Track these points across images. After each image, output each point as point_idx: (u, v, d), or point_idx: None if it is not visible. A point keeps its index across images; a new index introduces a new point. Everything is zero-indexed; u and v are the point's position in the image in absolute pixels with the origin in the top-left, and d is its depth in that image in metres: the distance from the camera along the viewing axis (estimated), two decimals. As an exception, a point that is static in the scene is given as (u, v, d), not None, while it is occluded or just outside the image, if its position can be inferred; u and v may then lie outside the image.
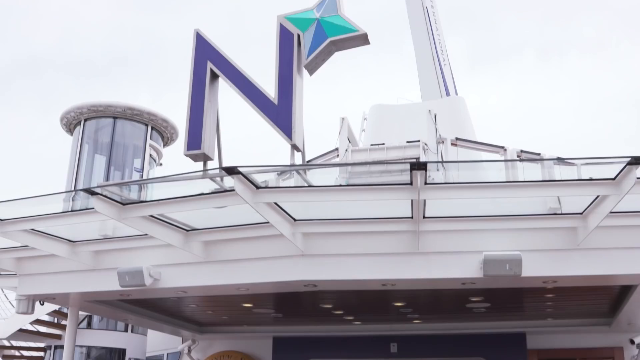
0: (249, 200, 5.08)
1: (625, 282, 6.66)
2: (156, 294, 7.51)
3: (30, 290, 7.83)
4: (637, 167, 4.80)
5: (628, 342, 10.37)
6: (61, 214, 6.25)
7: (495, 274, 5.89)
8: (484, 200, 5.86)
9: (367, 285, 6.60)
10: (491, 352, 10.31)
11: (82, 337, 15.51)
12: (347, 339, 10.79)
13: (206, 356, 12.01)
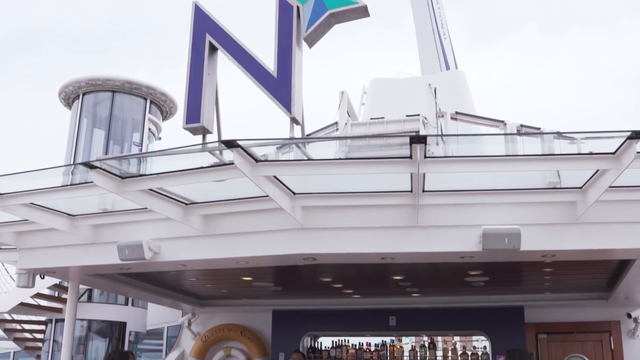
0: (248, 173, 5.07)
1: (624, 256, 6.67)
2: (156, 267, 7.54)
3: (30, 264, 7.86)
4: (637, 142, 4.78)
5: (625, 316, 10.44)
6: (60, 188, 6.23)
7: (494, 248, 5.91)
8: (483, 174, 5.85)
9: (366, 259, 6.62)
10: (489, 326, 10.38)
11: (83, 310, 15.59)
12: (346, 312, 10.86)
13: (206, 329, 12.10)
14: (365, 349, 11.32)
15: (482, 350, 10.94)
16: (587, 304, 10.22)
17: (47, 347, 17.18)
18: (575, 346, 10.64)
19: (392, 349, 11.24)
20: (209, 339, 12.00)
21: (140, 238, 6.78)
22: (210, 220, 6.70)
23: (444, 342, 11.37)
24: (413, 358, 11.10)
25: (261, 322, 11.74)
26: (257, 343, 11.69)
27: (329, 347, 11.52)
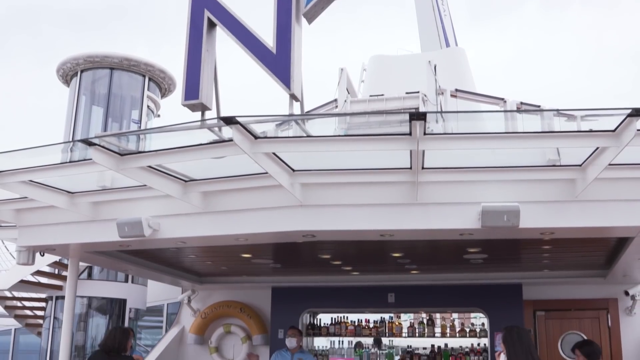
0: (248, 150, 5.06)
1: (623, 234, 6.68)
2: (155, 244, 7.55)
3: (30, 241, 7.87)
4: (638, 119, 4.77)
5: (623, 294, 10.50)
6: (59, 165, 6.22)
7: (493, 225, 5.92)
8: (483, 151, 5.85)
9: (366, 236, 6.63)
10: (487, 303, 10.44)
11: (83, 287, 15.66)
12: (346, 289, 10.91)
13: (206, 306, 12.16)
14: (364, 326, 11.40)
15: (480, 327, 11.02)
16: (585, 281, 10.27)
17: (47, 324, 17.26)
18: (572, 323, 10.72)
19: (391, 325, 11.32)
20: (209, 316, 12.06)
21: (140, 215, 6.79)
22: (210, 197, 6.70)
23: (443, 319, 11.44)
24: (412, 334, 11.18)
25: (260, 299, 11.80)
26: (257, 320, 11.76)
27: (328, 323, 11.60)
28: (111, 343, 6.98)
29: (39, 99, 68.12)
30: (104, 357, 6.98)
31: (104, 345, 7.03)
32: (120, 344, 7.04)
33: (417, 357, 10.91)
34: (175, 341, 12.35)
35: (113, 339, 7.00)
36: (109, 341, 7.01)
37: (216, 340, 12.11)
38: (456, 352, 10.83)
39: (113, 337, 7.02)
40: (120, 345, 7.02)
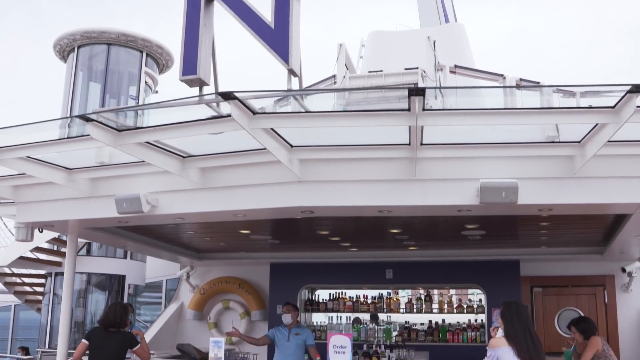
0: (246, 126, 5.03)
1: (621, 210, 6.69)
2: (154, 220, 7.55)
3: (28, 217, 7.87)
4: (637, 95, 4.74)
5: (619, 270, 10.55)
6: (57, 141, 6.20)
7: (491, 201, 5.92)
8: (481, 128, 5.83)
9: (364, 212, 6.63)
10: (485, 279, 10.49)
11: (82, 264, 15.69)
12: (344, 265, 10.96)
13: (204, 282, 12.22)
14: (362, 302, 11.46)
15: (478, 303, 11.08)
16: (582, 258, 10.31)
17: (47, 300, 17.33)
18: (569, 299, 10.79)
19: (389, 301, 11.39)
20: (208, 292, 12.13)
21: (138, 191, 6.78)
22: (208, 173, 6.69)
23: (440, 295, 11.50)
24: (409, 310, 11.25)
25: (259, 275, 11.86)
26: (255, 296, 11.83)
27: (327, 299, 11.66)
28: (113, 318, 7.00)
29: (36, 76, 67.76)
30: (103, 333, 7.00)
31: (105, 321, 7.04)
32: (122, 319, 7.07)
33: (415, 333, 10.98)
34: (174, 317, 12.43)
35: (114, 314, 7.01)
36: (110, 316, 7.02)
37: (215, 316, 12.19)
38: (453, 327, 10.90)
39: (114, 313, 7.03)
40: (121, 320, 7.05)
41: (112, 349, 6.94)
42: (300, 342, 8.24)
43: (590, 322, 7.38)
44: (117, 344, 6.97)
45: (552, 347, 9.42)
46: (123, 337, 7.08)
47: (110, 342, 6.94)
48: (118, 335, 7.04)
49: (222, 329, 12.17)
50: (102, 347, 6.92)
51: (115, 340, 6.98)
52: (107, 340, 6.95)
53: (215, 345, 7.27)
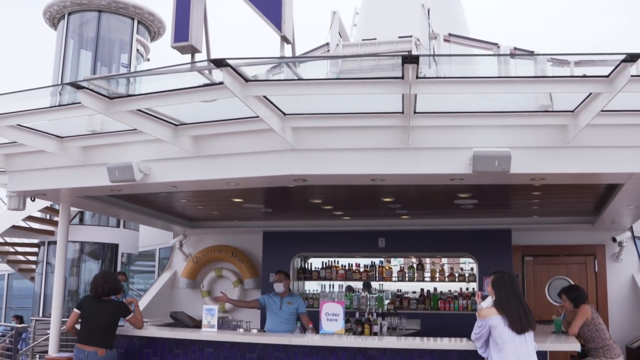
0: (238, 93, 5.00)
1: (613, 180, 6.71)
2: (146, 189, 7.54)
3: (20, 186, 7.85)
4: (632, 65, 4.73)
5: (610, 240, 10.64)
6: (48, 109, 6.16)
7: (484, 170, 5.93)
8: (475, 96, 5.81)
9: (357, 180, 6.63)
10: (477, 248, 10.56)
11: (75, 232, 15.68)
12: (336, 234, 11.00)
13: (197, 250, 12.26)
14: (355, 270, 11.52)
15: (469, 272, 11.16)
16: (573, 227, 10.38)
17: (40, 269, 17.35)
18: (560, 269, 10.88)
19: (381, 269, 11.45)
20: (201, 260, 12.17)
21: (130, 159, 6.76)
22: (201, 141, 6.67)
23: (432, 264, 11.57)
24: (401, 279, 11.33)
25: (252, 244, 11.90)
26: (248, 264, 11.88)
27: (319, 267, 11.72)
28: (104, 287, 6.99)
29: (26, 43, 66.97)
30: (95, 302, 7.00)
31: (96, 290, 7.02)
32: (114, 286, 7.08)
33: (407, 301, 11.07)
34: (168, 285, 12.49)
35: (106, 283, 7.01)
36: (101, 286, 7.01)
37: (208, 284, 12.26)
38: (445, 296, 10.99)
39: (105, 282, 7.03)
40: (112, 288, 7.06)
41: (104, 317, 6.95)
42: (293, 311, 8.30)
43: (580, 291, 7.46)
44: (110, 313, 6.99)
45: (542, 316, 9.52)
46: (116, 306, 7.10)
47: (102, 311, 6.96)
48: (111, 304, 7.05)
49: (215, 297, 12.25)
50: (94, 315, 6.94)
51: (108, 308, 7.00)
52: (100, 309, 6.96)
53: (208, 313, 7.32)
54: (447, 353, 6.41)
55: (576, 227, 10.39)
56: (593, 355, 7.08)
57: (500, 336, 5.61)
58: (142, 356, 7.37)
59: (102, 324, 6.94)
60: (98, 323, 6.92)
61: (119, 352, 7.44)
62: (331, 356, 6.65)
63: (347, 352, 6.60)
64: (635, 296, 10.44)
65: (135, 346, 7.44)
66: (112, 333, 7.01)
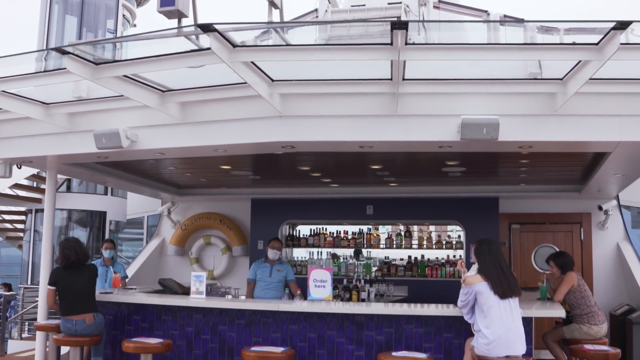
0: (226, 59, 4.95)
1: (600, 149, 6.73)
2: (134, 155, 7.50)
3: (5, 153, 7.78)
4: (622, 33, 4.71)
5: (596, 209, 10.72)
6: (33, 75, 6.08)
7: (472, 138, 5.92)
8: (464, 63, 5.79)
9: (345, 147, 6.62)
10: (464, 215, 10.62)
11: (62, 200, 15.65)
12: (325, 201, 11.03)
13: (185, 218, 12.26)
14: (343, 237, 11.58)
15: (457, 239, 11.24)
16: (560, 195, 10.45)
17: (28, 237, 17.34)
18: (546, 236, 10.97)
19: (369, 237, 11.52)
20: (189, 228, 12.18)
21: (117, 126, 6.71)
22: (188, 107, 6.62)
23: (420, 231, 11.65)
24: (389, 246, 11.40)
25: (240, 211, 11.91)
26: (236, 231, 11.90)
27: (307, 234, 11.76)
28: (75, 257, 6.97)
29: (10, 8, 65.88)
30: (67, 272, 6.98)
31: (67, 262, 6.98)
32: (85, 253, 7.07)
33: (394, 268, 11.15)
34: (156, 253, 12.50)
35: (74, 253, 6.99)
36: (72, 256, 6.98)
37: (196, 252, 12.29)
38: (432, 263, 11.08)
39: (76, 251, 7.00)
40: (86, 254, 7.06)
41: (83, 284, 6.96)
42: (282, 278, 8.36)
43: (568, 257, 7.53)
44: (87, 278, 7.01)
45: (528, 283, 9.63)
46: (89, 270, 7.11)
47: (79, 279, 6.96)
48: (84, 270, 7.05)
49: (203, 264, 12.30)
50: (72, 285, 6.93)
51: (84, 275, 7.01)
52: (76, 278, 6.95)
53: (196, 280, 7.34)
54: (434, 319, 6.48)
55: (563, 196, 10.46)
56: (578, 322, 7.18)
57: (485, 302, 5.69)
58: (131, 322, 7.41)
59: (82, 291, 6.95)
60: (78, 291, 6.93)
61: (108, 319, 7.48)
62: (319, 322, 6.71)
63: (334, 318, 6.67)
64: (619, 264, 10.56)
65: (124, 313, 7.47)
66: (93, 297, 7.05)
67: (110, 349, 7.45)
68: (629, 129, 5.99)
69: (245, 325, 6.92)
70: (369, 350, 6.57)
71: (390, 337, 6.55)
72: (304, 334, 6.75)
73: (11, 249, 22.33)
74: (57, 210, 12.82)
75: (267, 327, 6.86)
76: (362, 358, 6.59)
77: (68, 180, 16.61)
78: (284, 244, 11.49)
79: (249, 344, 6.82)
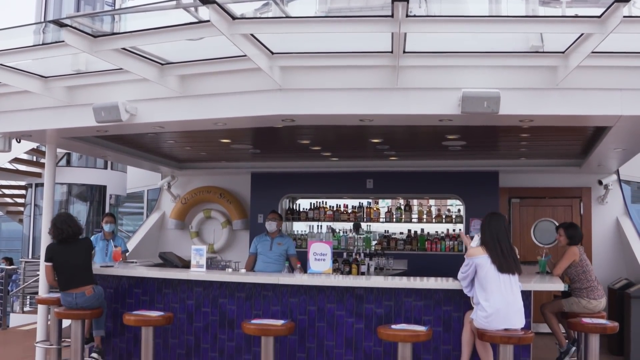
0: (225, 31, 4.91)
1: (601, 123, 6.70)
2: (133, 129, 7.48)
3: (4, 127, 7.76)
4: (624, 5, 4.67)
5: (596, 183, 10.73)
6: (31, 48, 6.03)
7: (472, 111, 5.89)
8: (465, 36, 5.73)
9: (345, 121, 6.60)
10: (464, 189, 10.63)
11: (62, 174, 15.67)
12: (325, 175, 11.04)
13: (185, 192, 12.28)
14: (343, 211, 11.59)
15: (456, 214, 11.26)
16: (560, 170, 10.45)
17: (28, 212, 17.39)
18: (546, 211, 11.00)
19: (369, 210, 11.53)
20: (189, 201, 12.21)
21: (116, 99, 6.68)
22: (187, 80, 6.59)
23: (420, 205, 11.66)
24: (389, 220, 11.42)
25: (240, 185, 11.92)
26: (236, 205, 11.93)
27: (307, 208, 11.78)
28: (68, 231, 6.97)
29: (7, -19, 65.30)
30: (62, 247, 6.99)
31: (61, 237, 6.98)
32: (79, 227, 7.07)
33: (394, 242, 11.19)
34: (156, 226, 12.54)
35: (68, 227, 6.99)
36: (65, 231, 6.98)
37: (197, 225, 12.33)
38: (432, 237, 11.11)
39: (67, 225, 7.00)
40: (79, 228, 7.06)
41: (79, 259, 6.97)
42: (282, 252, 8.37)
43: (579, 231, 7.52)
44: (82, 252, 7.02)
45: (527, 257, 9.63)
46: (84, 243, 7.12)
47: (75, 253, 6.96)
48: (79, 244, 7.05)
49: (203, 237, 12.34)
50: (69, 260, 6.94)
51: (79, 249, 7.02)
52: (72, 253, 6.96)
53: (197, 253, 7.36)
54: (434, 292, 6.51)
55: (563, 170, 10.46)
56: (577, 295, 7.21)
57: (485, 276, 5.72)
58: (132, 296, 7.45)
59: (79, 266, 6.96)
60: (75, 266, 6.94)
61: (109, 292, 7.52)
62: (319, 295, 6.74)
63: (334, 291, 6.70)
64: (619, 238, 10.59)
65: (124, 286, 7.51)
66: (90, 269, 7.07)
67: (112, 322, 7.50)
68: (631, 103, 5.96)
69: (246, 298, 6.96)
70: (369, 323, 6.61)
71: (389, 310, 6.59)
72: (304, 307, 6.79)
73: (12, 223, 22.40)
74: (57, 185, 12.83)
75: (267, 300, 6.89)
76: (362, 331, 6.63)
77: (68, 154, 16.62)
78: (284, 217, 11.51)
79: (249, 317, 6.86)
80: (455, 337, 6.41)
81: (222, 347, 7.02)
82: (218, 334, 7.05)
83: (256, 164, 11.19)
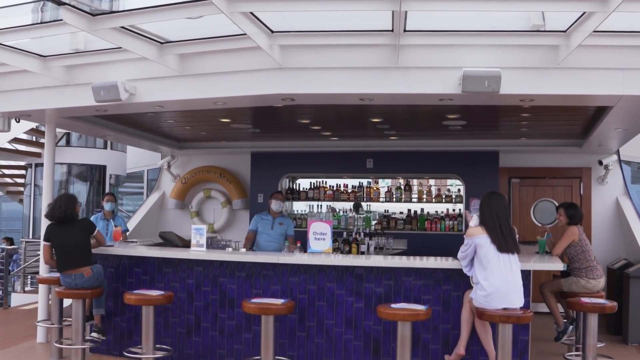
0: (225, 9, 4.88)
1: (602, 102, 6.68)
2: (133, 108, 7.46)
3: (4, 107, 7.75)
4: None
5: (596, 163, 10.72)
6: (29, 26, 6.00)
7: (473, 91, 5.88)
8: (466, 15, 5.70)
9: (345, 100, 6.58)
10: (464, 169, 10.62)
11: (62, 154, 15.66)
12: (325, 155, 11.03)
13: (185, 171, 12.28)
14: (343, 191, 11.60)
15: (456, 193, 11.26)
16: (560, 150, 10.44)
17: (28, 192, 17.39)
18: (546, 191, 11.01)
19: (369, 190, 11.54)
20: (189, 181, 12.21)
21: (115, 79, 6.66)
22: (187, 59, 6.56)
23: (420, 185, 11.66)
24: (389, 199, 11.43)
25: (240, 164, 11.92)
26: (236, 184, 11.93)
27: (307, 188, 11.79)
28: (58, 213, 6.93)
29: (5, -41, 64.70)
30: (59, 228, 6.96)
31: (52, 216, 6.97)
32: (68, 211, 7.00)
33: (394, 221, 11.20)
34: (156, 206, 12.55)
35: (59, 208, 6.95)
36: (55, 211, 6.95)
37: (197, 205, 12.34)
38: (432, 216, 11.12)
39: (59, 207, 6.96)
40: (67, 212, 6.99)
41: (77, 239, 6.94)
42: (283, 232, 8.41)
43: (579, 211, 7.51)
44: (80, 232, 6.99)
45: (527, 237, 9.67)
46: (81, 224, 7.09)
47: (73, 234, 6.93)
48: (77, 225, 7.02)
49: (203, 217, 12.35)
50: (67, 240, 6.92)
51: (77, 229, 6.99)
52: (70, 233, 6.93)
53: (197, 233, 7.37)
54: (433, 271, 6.53)
55: (563, 150, 10.45)
56: (576, 275, 7.22)
57: (485, 255, 5.73)
58: (132, 275, 7.47)
59: (77, 246, 6.93)
60: (73, 246, 6.91)
61: (109, 272, 7.54)
62: (319, 274, 6.76)
63: (334, 270, 6.71)
64: (618, 219, 10.61)
65: (125, 265, 7.53)
66: (88, 250, 7.03)
67: (112, 302, 7.52)
68: (632, 82, 5.94)
69: (246, 277, 6.98)
70: (369, 302, 6.63)
71: (389, 289, 6.61)
72: (304, 286, 6.81)
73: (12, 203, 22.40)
74: (57, 165, 12.84)
75: (267, 279, 6.91)
76: (362, 310, 6.66)
77: (67, 134, 16.59)
78: (285, 197, 11.52)
79: (249, 296, 6.88)
80: (455, 316, 6.43)
81: (223, 326, 7.05)
82: (218, 313, 7.07)
83: (256, 143, 11.17)
